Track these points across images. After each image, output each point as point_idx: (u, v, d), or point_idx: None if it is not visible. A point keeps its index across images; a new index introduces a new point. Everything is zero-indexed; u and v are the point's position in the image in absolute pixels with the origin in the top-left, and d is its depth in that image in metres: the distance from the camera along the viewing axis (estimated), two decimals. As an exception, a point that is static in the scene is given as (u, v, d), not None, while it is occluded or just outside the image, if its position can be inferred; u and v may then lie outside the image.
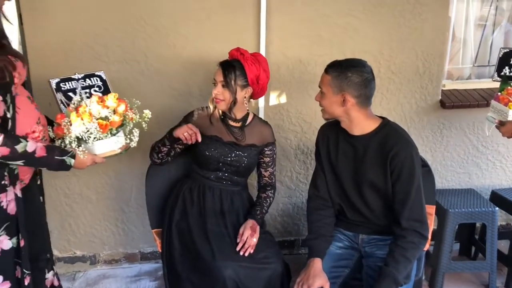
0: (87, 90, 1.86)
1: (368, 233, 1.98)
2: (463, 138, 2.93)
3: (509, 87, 2.18)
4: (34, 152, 1.57)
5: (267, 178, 2.26)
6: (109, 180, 2.65)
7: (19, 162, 1.56)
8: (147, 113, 1.76)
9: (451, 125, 2.89)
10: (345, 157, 1.93)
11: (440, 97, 2.81)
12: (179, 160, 2.26)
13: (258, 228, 2.08)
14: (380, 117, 1.94)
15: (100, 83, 1.89)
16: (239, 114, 2.14)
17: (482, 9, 2.97)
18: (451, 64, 3.02)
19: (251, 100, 2.19)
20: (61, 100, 1.81)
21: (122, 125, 1.70)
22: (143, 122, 1.76)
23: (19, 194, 1.64)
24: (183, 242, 2.05)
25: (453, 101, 2.79)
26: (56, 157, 1.63)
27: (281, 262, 2.03)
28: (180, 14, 2.44)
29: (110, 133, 1.67)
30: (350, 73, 1.80)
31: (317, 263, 1.87)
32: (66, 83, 1.83)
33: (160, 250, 2.15)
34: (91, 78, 1.89)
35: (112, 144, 1.69)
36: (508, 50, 2.37)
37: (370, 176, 1.87)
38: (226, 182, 2.17)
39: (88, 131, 1.62)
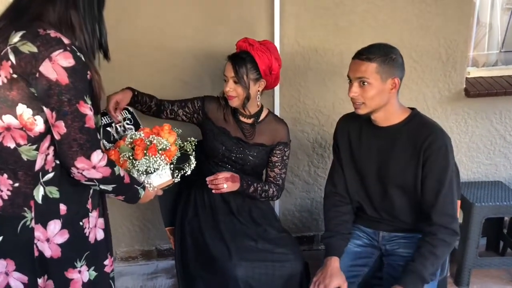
0: (120, 124, 1.91)
1: (390, 230, 1.89)
2: (489, 127, 2.80)
3: None
4: (123, 177, 1.48)
5: (271, 179, 2.12)
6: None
7: (110, 187, 1.44)
8: (193, 140, 1.80)
9: (476, 114, 2.76)
10: (369, 151, 1.84)
11: (464, 86, 2.68)
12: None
13: (238, 180, 1.96)
14: (409, 107, 1.84)
15: (129, 115, 1.91)
16: (251, 110, 2.06)
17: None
18: (476, 51, 2.89)
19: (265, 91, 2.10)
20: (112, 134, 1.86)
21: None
22: (191, 149, 1.79)
23: (102, 221, 1.55)
24: (195, 241, 2.00)
25: (478, 90, 2.66)
26: (135, 186, 1.55)
27: (300, 260, 1.95)
28: (191, 5, 2.38)
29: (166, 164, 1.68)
30: (393, 55, 1.71)
31: (334, 262, 1.80)
32: (102, 118, 1.80)
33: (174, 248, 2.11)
34: (122, 112, 1.94)
35: (167, 175, 1.69)
36: None
37: (398, 170, 1.77)
38: None
39: (156, 163, 1.62)
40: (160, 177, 1.66)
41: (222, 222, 2.02)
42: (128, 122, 1.89)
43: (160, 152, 1.64)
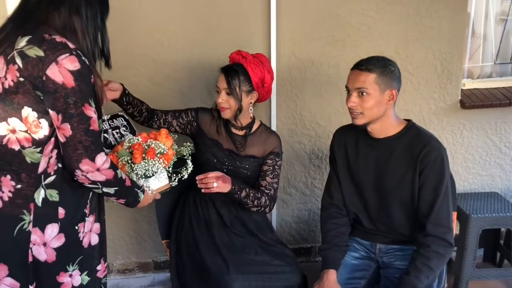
0: (117, 130, 1.92)
1: (387, 243, 1.89)
2: (485, 139, 2.81)
3: None
4: (125, 180, 1.50)
5: (263, 188, 2.06)
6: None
7: (112, 190, 1.46)
8: (189, 145, 1.80)
9: (472, 125, 2.78)
10: (366, 162, 1.85)
11: (459, 97, 2.70)
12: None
13: (229, 182, 1.92)
14: (404, 119, 1.86)
15: (125, 123, 1.92)
16: (243, 121, 2.05)
17: (503, 3, 2.86)
18: (471, 62, 2.91)
19: (258, 103, 2.12)
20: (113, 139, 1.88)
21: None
22: (187, 154, 1.80)
23: (98, 226, 1.56)
24: (190, 254, 1.99)
25: (473, 101, 2.69)
26: (135, 189, 1.56)
27: (298, 272, 1.95)
28: (189, 19, 2.39)
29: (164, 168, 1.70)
30: (392, 67, 1.73)
31: (331, 275, 1.80)
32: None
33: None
34: (117, 119, 1.96)
35: (165, 179, 1.70)
36: None
37: (394, 181, 1.78)
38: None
39: (154, 166, 1.63)
40: (158, 180, 1.68)
41: (218, 235, 2.01)
42: (124, 129, 1.89)
43: (158, 156, 1.66)
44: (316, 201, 2.78)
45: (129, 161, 1.64)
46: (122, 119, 1.98)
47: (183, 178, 1.76)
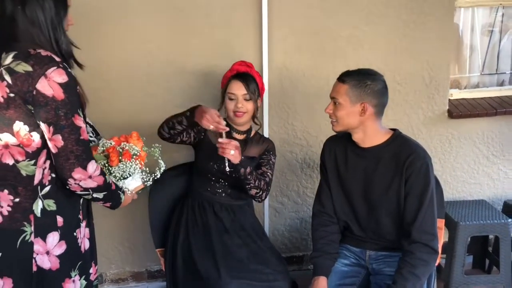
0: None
1: (376, 249, 1.93)
2: (472, 148, 2.87)
3: None
4: (111, 184, 1.54)
5: (260, 176, 2.10)
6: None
7: (101, 195, 1.51)
8: (158, 145, 1.83)
9: (460, 135, 2.83)
10: (355, 171, 1.89)
11: (447, 107, 2.76)
12: (181, 178, 2.24)
13: (240, 156, 1.93)
14: (391, 128, 1.91)
15: (90, 129, 1.88)
16: (245, 127, 2.15)
17: (490, 15, 2.93)
18: (458, 73, 2.98)
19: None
20: None
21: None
22: (157, 155, 1.82)
23: (88, 231, 1.61)
24: (186, 263, 2.02)
25: (461, 111, 2.74)
26: (118, 191, 1.60)
27: (288, 280, 1.98)
28: (182, 30, 2.44)
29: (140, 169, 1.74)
30: (369, 81, 1.77)
31: (322, 282, 1.83)
32: None
33: (164, 269, 2.12)
34: None
35: (139, 179, 1.74)
36: None
37: (381, 189, 1.83)
38: (226, 196, 2.13)
39: (131, 168, 1.67)
40: (134, 181, 1.72)
41: (215, 242, 2.04)
42: (91, 134, 1.91)
43: (134, 157, 1.70)
44: (308, 210, 2.81)
45: (106, 165, 1.67)
46: (88, 125, 1.97)
47: (156, 178, 1.79)
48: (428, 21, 2.61)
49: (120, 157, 1.68)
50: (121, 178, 1.68)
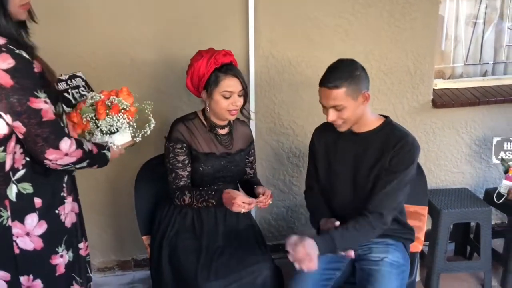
0: (76, 90, 1.89)
1: (361, 235, 1.95)
2: (456, 137, 2.92)
3: (510, 168, 2.61)
4: (92, 150, 1.53)
5: (252, 175, 2.23)
6: (98, 185, 2.61)
7: (84, 163, 1.50)
8: (150, 103, 1.81)
9: (443, 124, 2.88)
10: (344, 157, 1.92)
11: (431, 97, 2.80)
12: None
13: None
14: (383, 115, 1.94)
15: (83, 83, 1.91)
16: (225, 120, 2.07)
17: (475, 7, 2.96)
18: (442, 63, 3.02)
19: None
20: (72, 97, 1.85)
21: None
22: (148, 112, 1.81)
23: (76, 205, 1.61)
24: (171, 261, 1.99)
25: (445, 101, 2.79)
26: (102, 151, 1.59)
27: (271, 266, 1.97)
28: (167, 18, 2.42)
29: (128, 123, 1.72)
30: (357, 72, 1.78)
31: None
32: (58, 84, 1.82)
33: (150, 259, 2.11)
34: (75, 79, 1.93)
35: (128, 135, 1.73)
36: (500, 139, 2.68)
37: (366, 174, 1.85)
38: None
39: (119, 122, 1.66)
40: (122, 136, 1.71)
41: (205, 241, 2.02)
42: (83, 89, 1.88)
43: (122, 111, 1.69)
44: (294, 199, 2.84)
45: (93, 118, 1.66)
46: (81, 79, 1.95)
47: (145, 135, 1.78)
48: (413, 11, 2.63)
49: (108, 111, 1.66)
50: (109, 132, 1.67)
